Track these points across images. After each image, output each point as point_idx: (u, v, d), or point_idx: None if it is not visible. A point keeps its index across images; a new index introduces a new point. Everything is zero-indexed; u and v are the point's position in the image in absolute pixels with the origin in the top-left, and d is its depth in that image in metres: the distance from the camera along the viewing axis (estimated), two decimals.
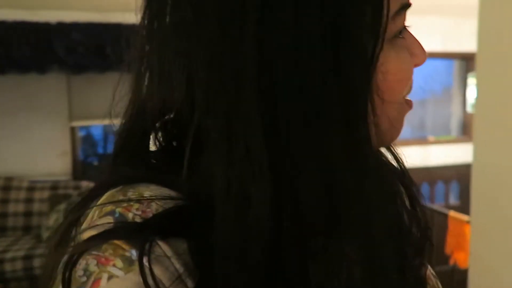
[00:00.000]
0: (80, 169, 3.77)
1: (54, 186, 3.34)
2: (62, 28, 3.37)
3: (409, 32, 0.36)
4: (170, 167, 0.34)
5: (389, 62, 0.32)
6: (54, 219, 2.98)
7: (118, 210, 0.30)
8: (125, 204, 0.30)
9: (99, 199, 0.32)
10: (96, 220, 0.30)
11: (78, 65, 3.45)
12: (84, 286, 0.27)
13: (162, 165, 0.35)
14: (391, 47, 0.33)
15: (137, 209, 0.30)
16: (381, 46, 0.30)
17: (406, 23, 0.35)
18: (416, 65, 0.36)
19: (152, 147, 0.37)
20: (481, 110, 1.57)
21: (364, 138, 0.30)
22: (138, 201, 0.30)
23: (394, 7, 0.31)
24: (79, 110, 3.68)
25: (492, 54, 1.49)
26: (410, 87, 0.36)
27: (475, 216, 1.57)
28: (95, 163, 4.02)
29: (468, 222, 2.39)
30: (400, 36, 0.34)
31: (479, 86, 1.55)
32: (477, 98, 1.57)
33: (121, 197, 0.31)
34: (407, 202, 0.40)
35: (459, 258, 2.62)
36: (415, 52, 0.36)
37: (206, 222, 0.29)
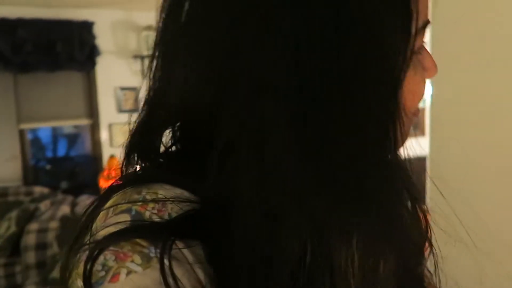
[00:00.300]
0: (31, 174, 3.58)
1: (4, 193, 3.15)
2: (6, 25, 3.17)
3: (424, 48, 0.37)
4: (181, 168, 0.34)
5: (406, 78, 0.32)
6: (5, 228, 2.80)
7: (135, 208, 0.30)
8: (140, 203, 0.31)
9: (115, 198, 0.32)
10: (111, 218, 0.30)
11: (25, 64, 3.26)
12: (103, 281, 0.28)
13: (173, 165, 0.35)
14: (410, 64, 0.33)
15: (152, 208, 0.30)
16: (408, 64, 0.31)
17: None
18: (429, 77, 0.37)
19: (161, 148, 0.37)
20: (437, 105, 1.62)
21: (393, 164, 0.32)
22: (153, 200, 0.31)
23: (420, 23, 0.32)
24: (28, 111, 3.48)
25: (445, 51, 1.54)
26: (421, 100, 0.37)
27: (432, 207, 1.62)
28: (48, 167, 3.82)
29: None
30: (418, 52, 0.36)
31: (434, 82, 1.60)
32: (433, 94, 1.62)
33: (135, 196, 0.31)
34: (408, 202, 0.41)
35: None
36: (427, 66, 0.37)
37: (227, 230, 0.30)
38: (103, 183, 3.51)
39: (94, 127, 3.73)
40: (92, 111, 3.70)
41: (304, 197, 0.29)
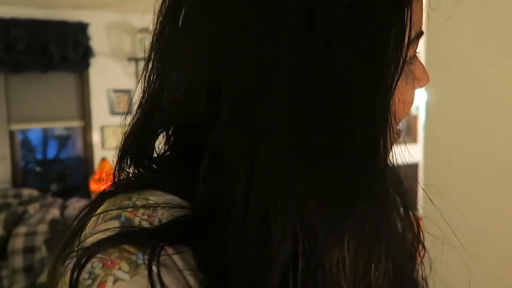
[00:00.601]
0: (20, 176, 3.53)
1: None
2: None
3: (416, 58, 0.37)
4: (174, 174, 0.34)
5: (398, 87, 0.32)
6: None
7: (124, 214, 0.30)
8: (130, 209, 0.30)
9: (105, 205, 0.32)
10: (101, 224, 0.30)
11: (18, 64, 3.23)
12: None
13: (165, 170, 0.35)
14: (403, 73, 0.33)
15: (142, 214, 0.30)
16: (400, 73, 0.31)
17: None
18: (419, 88, 0.37)
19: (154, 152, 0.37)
20: (431, 113, 1.62)
21: (383, 169, 0.31)
22: (143, 206, 0.31)
23: (414, 33, 0.32)
24: (19, 112, 3.44)
25: (439, 58, 1.55)
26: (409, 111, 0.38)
27: (426, 213, 1.62)
28: (37, 169, 3.77)
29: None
30: (410, 62, 0.36)
31: (429, 90, 1.60)
32: (427, 102, 1.62)
33: (126, 202, 0.31)
34: (400, 208, 0.42)
35: None
36: (419, 76, 0.37)
37: (218, 236, 0.29)
38: (94, 186, 3.47)
39: (86, 129, 3.70)
40: (85, 113, 3.67)
41: (296, 202, 0.29)
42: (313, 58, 0.29)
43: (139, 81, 0.36)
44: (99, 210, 0.32)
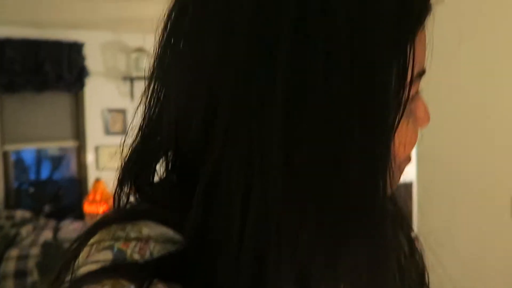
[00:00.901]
0: (13, 197, 3.49)
1: None
2: None
3: (418, 96, 0.36)
4: (173, 202, 0.34)
5: (398, 129, 0.32)
6: None
7: (117, 245, 0.30)
8: (123, 240, 0.31)
9: (100, 235, 0.32)
10: (94, 254, 0.30)
11: (12, 84, 3.22)
12: None
13: (163, 199, 0.35)
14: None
15: (134, 246, 0.30)
16: (403, 113, 0.30)
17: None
18: (420, 127, 0.36)
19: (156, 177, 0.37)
20: (425, 132, 1.63)
21: (382, 199, 0.30)
22: (136, 238, 0.31)
23: (415, 72, 0.32)
24: (13, 133, 3.42)
25: (433, 78, 1.56)
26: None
27: (420, 228, 1.61)
28: (31, 190, 3.73)
29: None
30: (412, 101, 0.35)
31: None
32: None
33: (119, 233, 0.31)
34: (405, 247, 0.42)
35: None
36: (420, 116, 0.36)
37: (210, 271, 0.29)
38: (88, 207, 3.43)
39: (80, 149, 3.68)
40: (79, 133, 3.65)
41: (290, 240, 0.29)
42: (309, 94, 0.28)
43: (139, 105, 0.36)
44: (93, 240, 0.32)
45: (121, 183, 0.36)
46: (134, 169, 0.35)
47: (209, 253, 0.30)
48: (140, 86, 3.63)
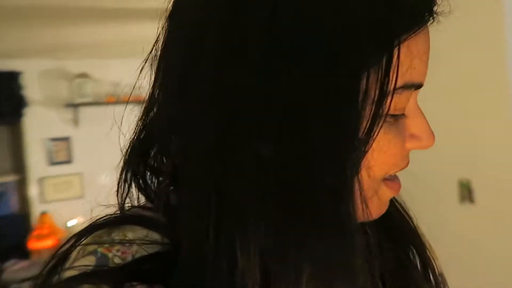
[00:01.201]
0: None
1: None
2: None
3: (416, 112, 0.33)
4: (164, 204, 0.34)
5: (377, 142, 0.30)
6: None
7: (100, 250, 0.31)
8: (107, 245, 0.31)
9: (86, 239, 0.33)
10: (78, 259, 0.31)
11: None
12: None
13: (156, 200, 0.35)
14: (383, 126, 0.30)
15: (117, 250, 0.31)
16: (380, 124, 0.29)
17: (414, 103, 0.32)
18: (420, 148, 0.33)
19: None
20: None
21: (350, 213, 0.29)
22: (121, 242, 0.31)
23: (398, 83, 0.29)
24: None
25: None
26: (403, 167, 0.34)
27: None
28: None
29: None
30: (400, 115, 0.32)
31: None
32: None
33: (105, 238, 0.32)
34: (419, 266, 0.41)
35: None
36: (418, 135, 0.33)
37: (191, 271, 0.29)
38: (33, 244, 3.21)
39: (22, 183, 3.45)
40: (20, 166, 3.44)
41: (259, 238, 0.29)
42: (278, 92, 0.28)
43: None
44: (84, 242, 0.33)
45: (122, 180, 0.36)
46: (133, 162, 0.36)
47: (188, 253, 0.30)
48: (85, 112, 3.51)
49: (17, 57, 3.26)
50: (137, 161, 0.36)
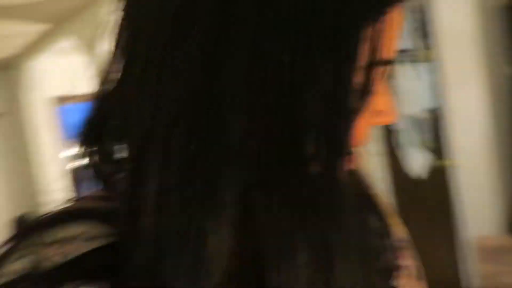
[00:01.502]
0: None
1: None
2: None
3: (384, 89, 0.33)
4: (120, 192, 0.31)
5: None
6: None
7: (38, 251, 0.29)
8: (46, 245, 0.29)
9: (28, 239, 0.30)
10: (14, 261, 0.29)
11: None
12: None
13: (113, 184, 0.33)
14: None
15: (57, 249, 0.29)
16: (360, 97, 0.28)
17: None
18: (383, 123, 0.33)
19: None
20: None
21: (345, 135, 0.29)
22: (60, 241, 0.29)
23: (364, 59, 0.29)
24: None
25: None
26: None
27: None
28: None
29: None
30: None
31: None
32: None
33: (44, 237, 0.30)
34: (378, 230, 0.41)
35: None
36: (381, 109, 0.33)
37: (141, 259, 0.28)
38: None
39: None
40: None
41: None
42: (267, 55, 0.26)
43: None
44: (18, 245, 0.30)
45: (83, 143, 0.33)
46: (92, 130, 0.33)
47: (134, 243, 0.28)
48: None
49: None
50: (91, 146, 0.33)
